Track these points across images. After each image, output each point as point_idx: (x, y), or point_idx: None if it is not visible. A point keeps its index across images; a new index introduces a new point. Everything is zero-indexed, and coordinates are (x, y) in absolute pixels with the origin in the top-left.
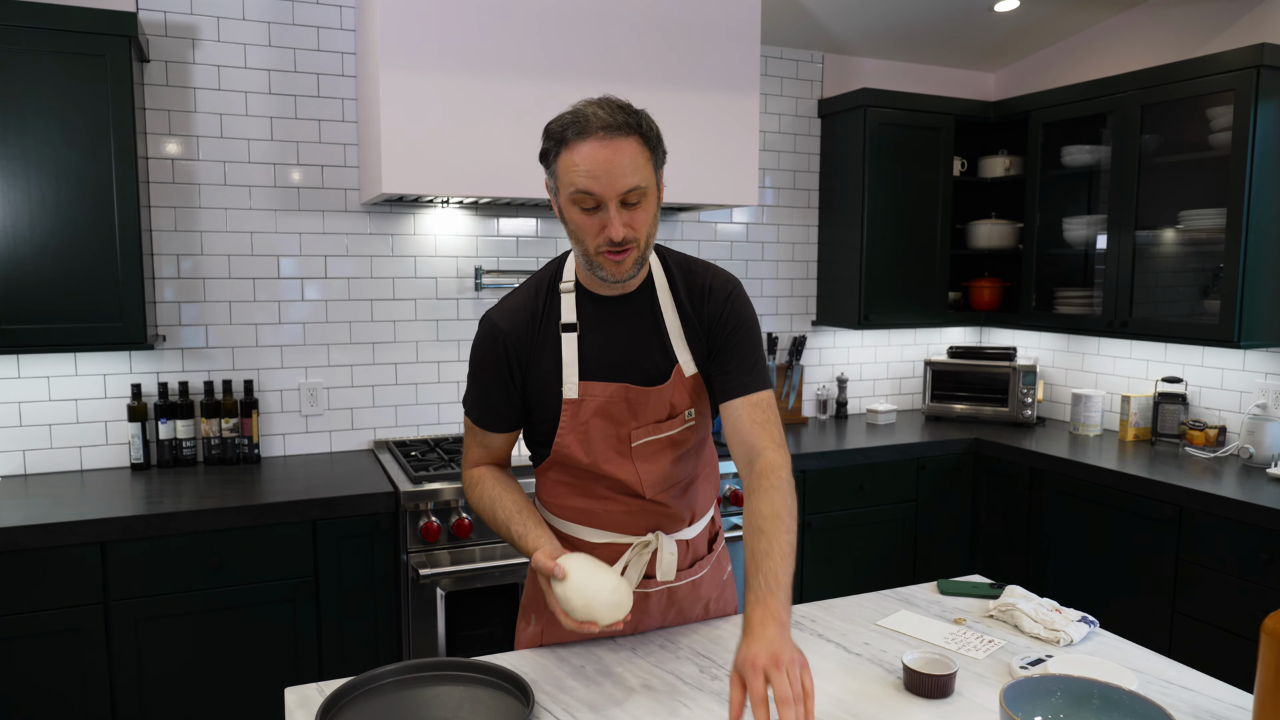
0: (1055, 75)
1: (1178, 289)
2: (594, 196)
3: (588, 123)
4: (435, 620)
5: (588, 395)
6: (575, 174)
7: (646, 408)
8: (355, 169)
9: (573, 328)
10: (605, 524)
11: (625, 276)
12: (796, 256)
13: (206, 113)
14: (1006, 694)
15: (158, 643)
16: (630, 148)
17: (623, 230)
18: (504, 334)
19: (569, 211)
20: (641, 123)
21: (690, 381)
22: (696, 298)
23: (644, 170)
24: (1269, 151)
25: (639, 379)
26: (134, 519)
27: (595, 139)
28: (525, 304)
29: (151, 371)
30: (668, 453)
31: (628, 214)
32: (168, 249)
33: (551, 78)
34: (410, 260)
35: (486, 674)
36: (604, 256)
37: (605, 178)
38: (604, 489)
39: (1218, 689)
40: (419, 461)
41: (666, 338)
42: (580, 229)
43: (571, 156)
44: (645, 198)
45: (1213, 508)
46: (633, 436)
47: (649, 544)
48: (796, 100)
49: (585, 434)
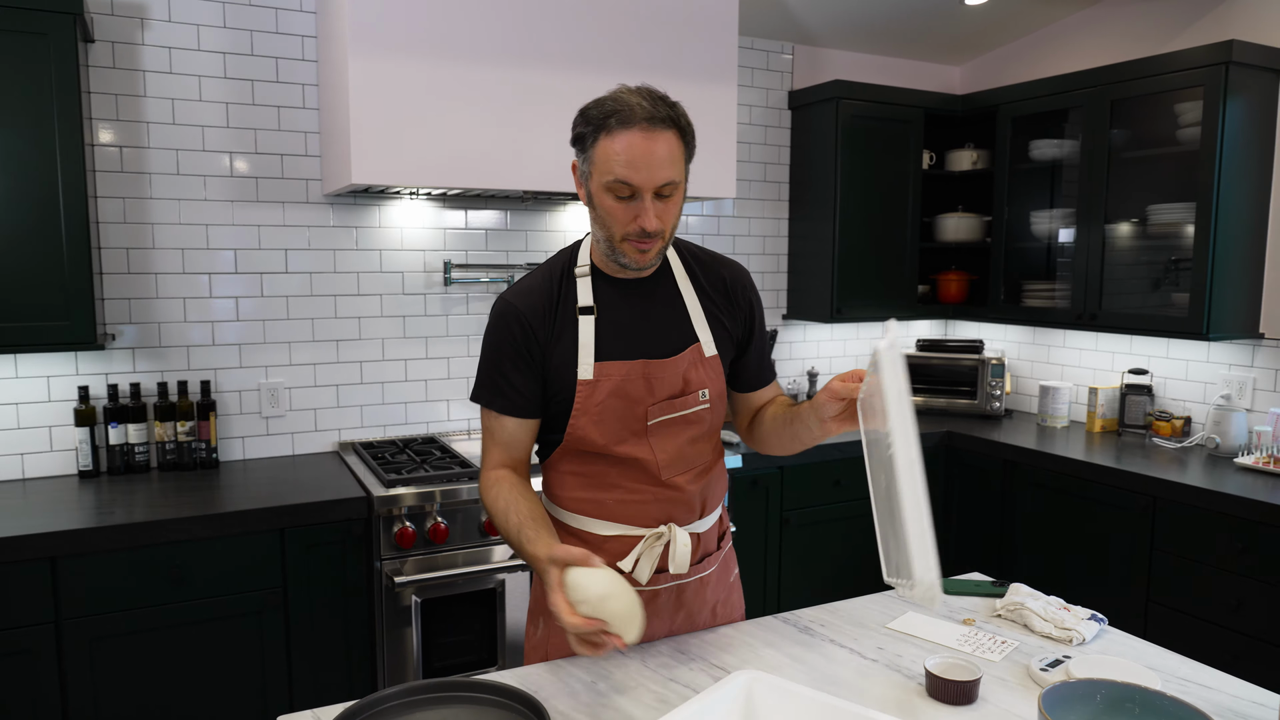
0: (1020, 69)
1: (1146, 282)
2: (631, 186)
3: (632, 112)
4: (411, 629)
5: (603, 376)
6: (614, 162)
7: (663, 381)
8: (317, 158)
9: (590, 310)
10: (616, 515)
11: (648, 265)
12: (767, 250)
13: (157, 97)
14: (1045, 701)
15: (115, 663)
16: (670, 141)
17: (655, 222)
18: (521, 313)
19: (601, 198)
20: (680, 117)
21: (709, 361)
22: (719, 288)
23: (679, 164)
24: (1237, 147)
25: (655, 353)
26: (87, 531)
27: (638, 129)
28: (540, 287)
29: (99, 372)
30: (683, 433)
31: (660, 206)
32: (116, 242)
33: (527, 66)
34: (375, 254)
35: (496, 694)
36: (630, 244)
37: (645, 169)
38: (617, 476)
39: (1235, 686)
40: (389, 464)
41: (686, 317)
42: (611, 216)
43: (612, 144)
44: (676, 191)
45: (1186, 498)
46: (649, 414)
47: (661, 536)
48: (767, 91)
49: (601, 415)
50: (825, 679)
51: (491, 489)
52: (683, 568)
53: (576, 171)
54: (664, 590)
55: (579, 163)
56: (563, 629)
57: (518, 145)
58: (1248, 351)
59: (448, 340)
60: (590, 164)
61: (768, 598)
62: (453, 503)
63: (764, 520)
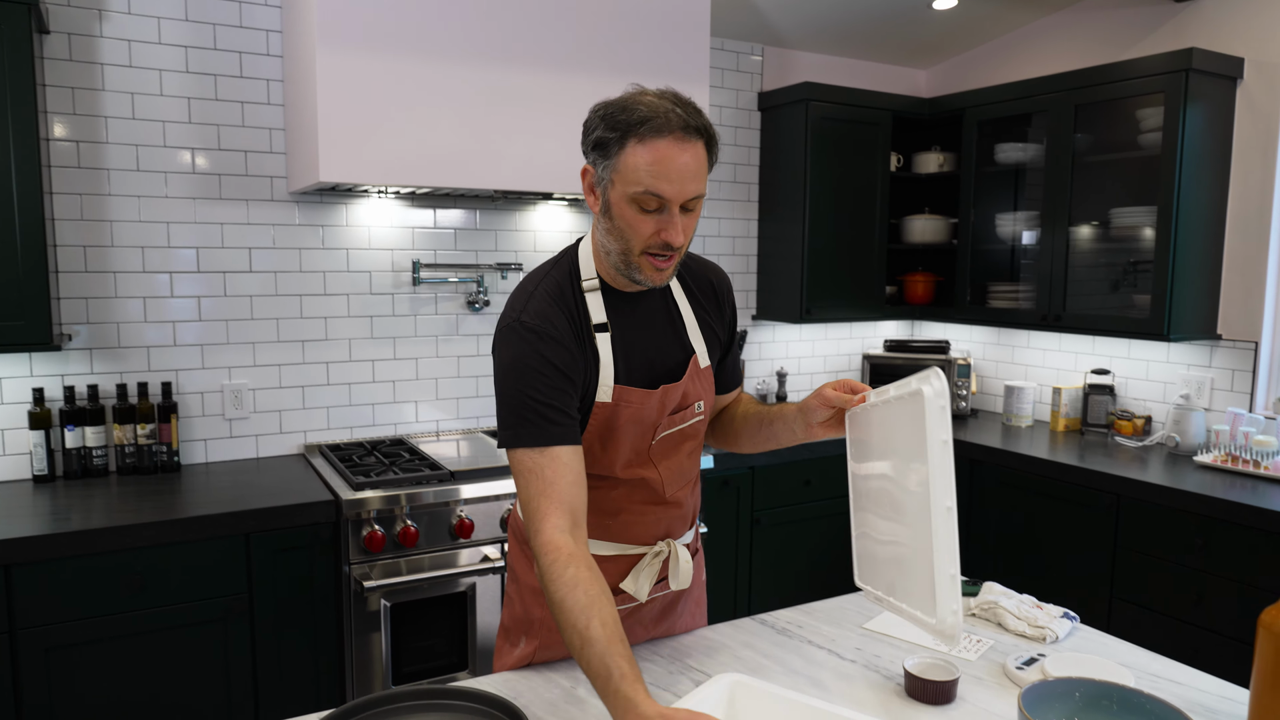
0: (985, 74)
1: (1108, 284)
2: (660, 199)
3: (666, 120)
4: (380, 634)
5: (623, 401)
6: (644, 173)
7: (672, 400)
8: (282, 155)
9: (604, 328)
10: (618, 536)
11: (664, 283)
12: (737, 250)
13: (116, 91)
14: (1025, 700)
15: (72, 673)
16: (699, 152)
17: (681, 237)
18: (554, 333)
19: (622, 209)
20: (709, 126)
21: (704, 373)
22: (708, 293)
23: (705, 176)
24: (1196, 152)
25: (668, 377)
26: (42, 539)
27: (672, 138)
28: (556, 308)
29: (55, 374)
30: (682, 447)
31: (683, 219)
32: (73, 240)
33: (498, 64)
34: (342, 253)
35: (475, 701)
36: (648, 259)
37: (677, 181)
38: (621, 498)
39: (1205, 681)
40: (357, 467)
41: (683, 329)
42: (632, 228)
43: (643, 153)
44: (699, 204)
45: (1148, 496)
46: (656, 433)
47: (660, 553)
48: (737, 93)
49: (612, 438)
50: (805, 680)
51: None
52: (686, 584)
53: (588, 177)
54: (653, 600)
55: (594, 169)
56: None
57: (489, 144)
58: (1206, 352)
59: (416, 341)
60: (613, 172)
61: (738, 598)
62: (422, 505)
63: (735, 520)
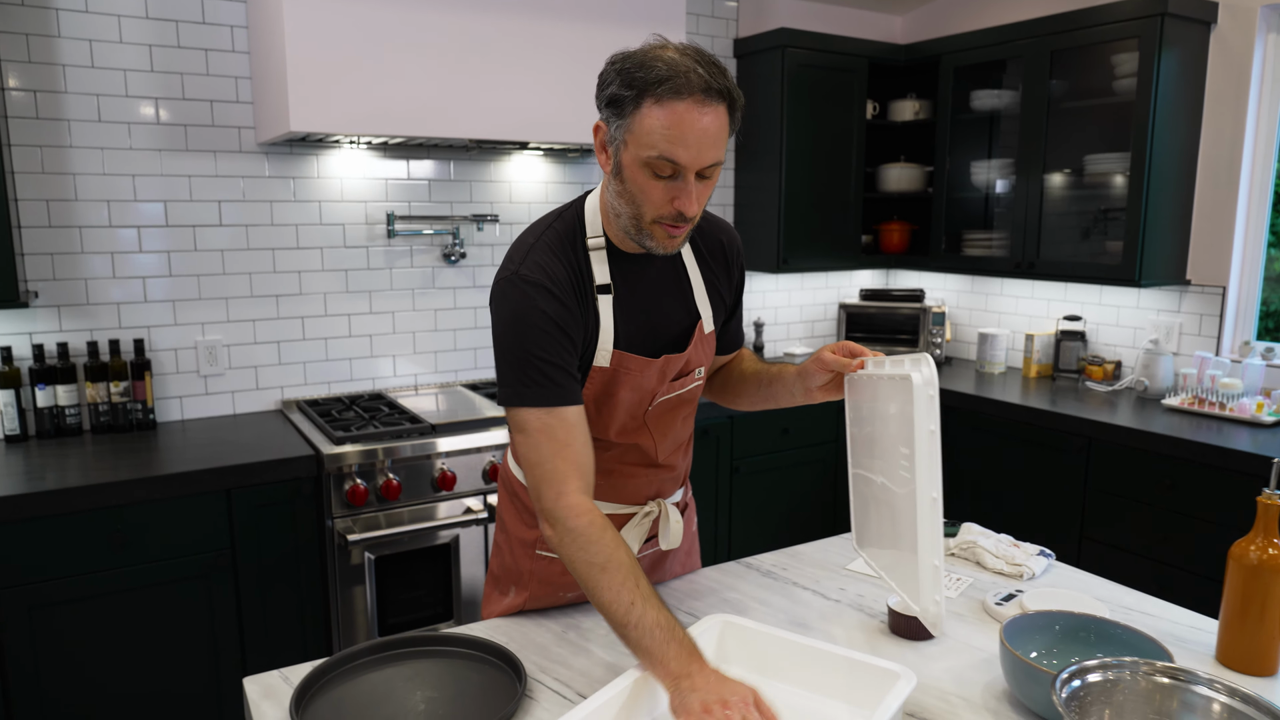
0: (960, 19)
1: (1081, 231)
2: (675, 165)
3: (688, 80)
4: (364, 587)
5: (621, 367)
6: (660, 136)
7: (674, 369)
8: (249, 105)
9: (607, 289)
10: (609, 495)
11: (675, 250)
12: (713, 201)
13: (73, 38)
14: (1006, 631)
15: (56, 631)
16: (721, 116)
17: (695, 206)
18: (554, 287)
19: (635, 173)
20: (734, 88)
21: (707, 339)
22: (718, 255)
23: (725, 142)
24: (1170, 98)
25: (671, 345)
26: (21, 498)
27: (692, 101)
28: (558, 262)
29: (23, 332)
30: (678, 412)
31: (699, 186)
32: (34, 194)
33: (473, 10)
34: (314, 205)
35: (468, 647)
36: (660, 227)
37: (695, 148)
38: (612, 460)
39: (1175, 613)
40: (337, 421)
41: (690, 293)
42: (644, 194)
43: (660, 115)
44: (716, 171)
45: (1117, 438)
46: (653, 399)
47: (650, 513)
48: (712, 39)
49: (609, 403)
50: (792, 620)
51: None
52: (676, 543)
53: (600, 134)
54: (646, 555)
55: (607, 127)
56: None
57: (461, 93)
58: (1175, 297)
59: (392, 294)
60: (626, 132)
61: (718, 544)
62: (404, 459)
63: (714, 469)
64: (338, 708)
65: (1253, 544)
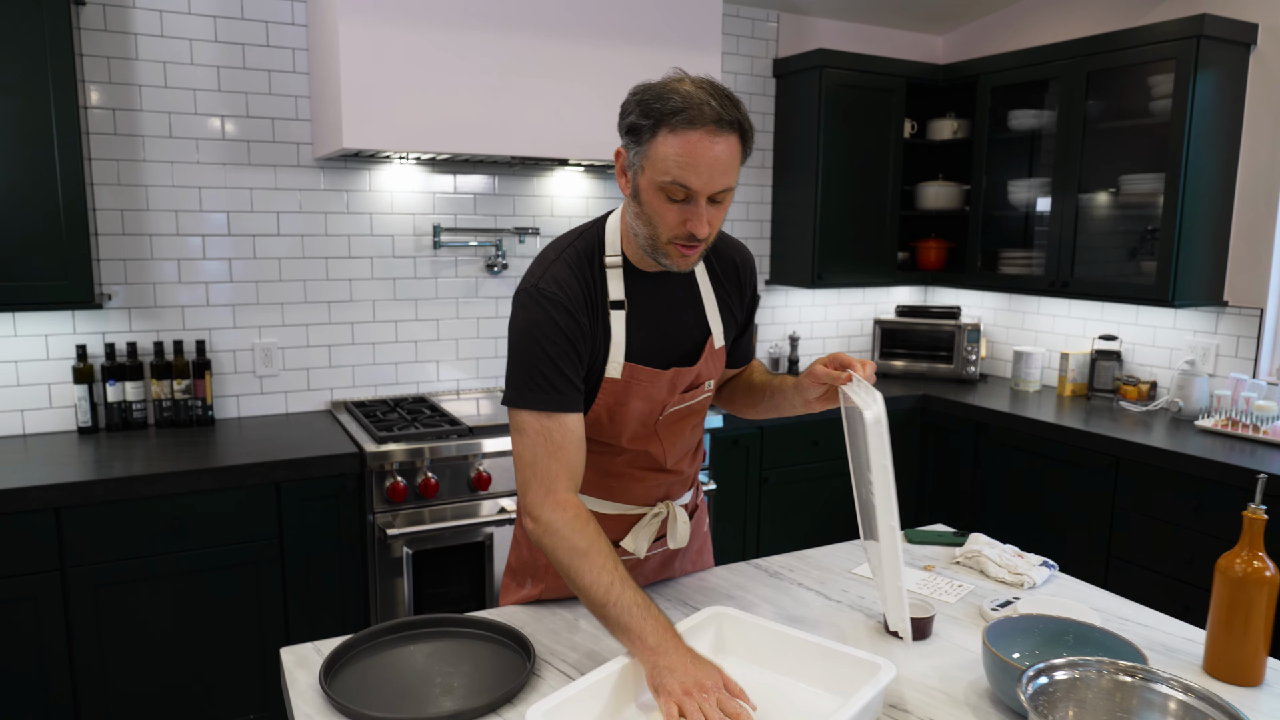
0: (1001, 40)
1: (1117, 250)
2: (687, 190)
3: (700, 112)
4: (402, 579)
5: (633, 379)
6: (673, 163)
7: (684, 382)
8: (308, 122)
9: (621, 305)
10: (619, 496)
11: (689, 269)
12: (751, 216)
13: (148, 61)
14: (989, 633)
15: (118, 609)
16: (732, 145)
17: (706, 229)
18: (565, 301)
19: (650, 196)
20: (745, 119)
21: (718, 353)
22: (731, 274)
23: (737, 169)
24: (1206, 119)
25: (681, 359)
26: (91, 484)
27: (704, 131)
28: (574, 277)
29: (96, 332)
30: (688, 421)
31: (711, 210)
32: (111, 204)
33: (515, 33)
34: (366, 217)
35: (483, 628)
36: (675, 248)
37: (706, 174)
38: (623, 465)
39: (1170, 624)
40: (381, 422)
41: (702, 310)
42: (659, 217)
43: (675, 143)
44: (728, 196)
45: (1147, 458)
46: (664, 409)
47: (659, 514)
48: (752, 60)
49: (620, 412)
50: (792, 618)
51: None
52: (683, 543)
53: (621, 159)
54: (655, 554)
55: (627, 153)
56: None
57: (505, 111)
58: (1212, 319)
59: (437, 302)
60: (644, 159)
61: (746, 552)
62: (442, 459)
63: (744, 478)
64: (363, 677)
65: (1238, 557)
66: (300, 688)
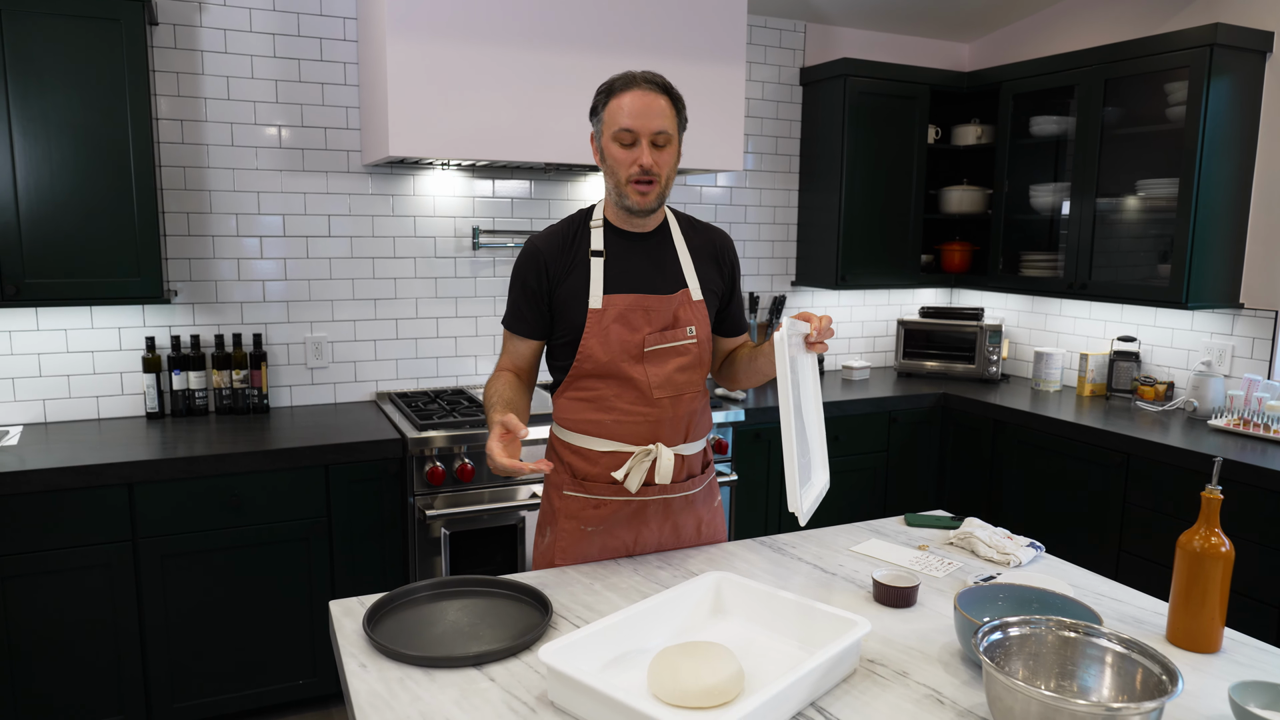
0: (1026, 48)
1: (1134, 254)
2: (632, 133)
3: (633, 77)
4: (440, 558)
5: (609, 305)
6: (620, 114)
7: (659, 314)
8: (357, 131)
9: (600, 254)
10: (613, 434)
11: (649, 206)
12: (777, 219)
13: (213, 75)
14: (960, 598)
15: (183, 577)
16: (662, 101)
17: (650, 161)
18: (541, 252)
19: (609, 148)
20: (671, 87)
21: (696, 305)
22: (707, 249)
23: (671, 121)
24: (1220, 125)
25: (652, 290)
26: (160, 462)
27: (638, 89)
28: (561, 232)
29: (164, 325)
30: (672, 360)
31: (656, 153)
32: (178, 207)
33: (548, 47)
34: (410, 220)
35: (508, 589)
36: (633, 186)
37: (643, 117)
38: (614, 398)
39: (1142, 600)
40: (422, 411)
41: (679, 267)
42: (617, 162)
43: (619, 101)
44: (670, 144)
45: (1157, 455)
46: (645, 342)
47: (649, 453)
48: (779, 69)
49: (606, 337)
50: (787, 587)
51: (492, 379)
52: (666, 479)
53: (593, 141)
54: (652, 502)
55: (594, 128)
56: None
57: (539, 120)
58: (1228, 320)
59: (476, 300)
60: (601, 123)
61: None
62: (479, 445)
63: (765, 471)
64: (401, 624)
65: (1196, 534)
66: (346, 633)
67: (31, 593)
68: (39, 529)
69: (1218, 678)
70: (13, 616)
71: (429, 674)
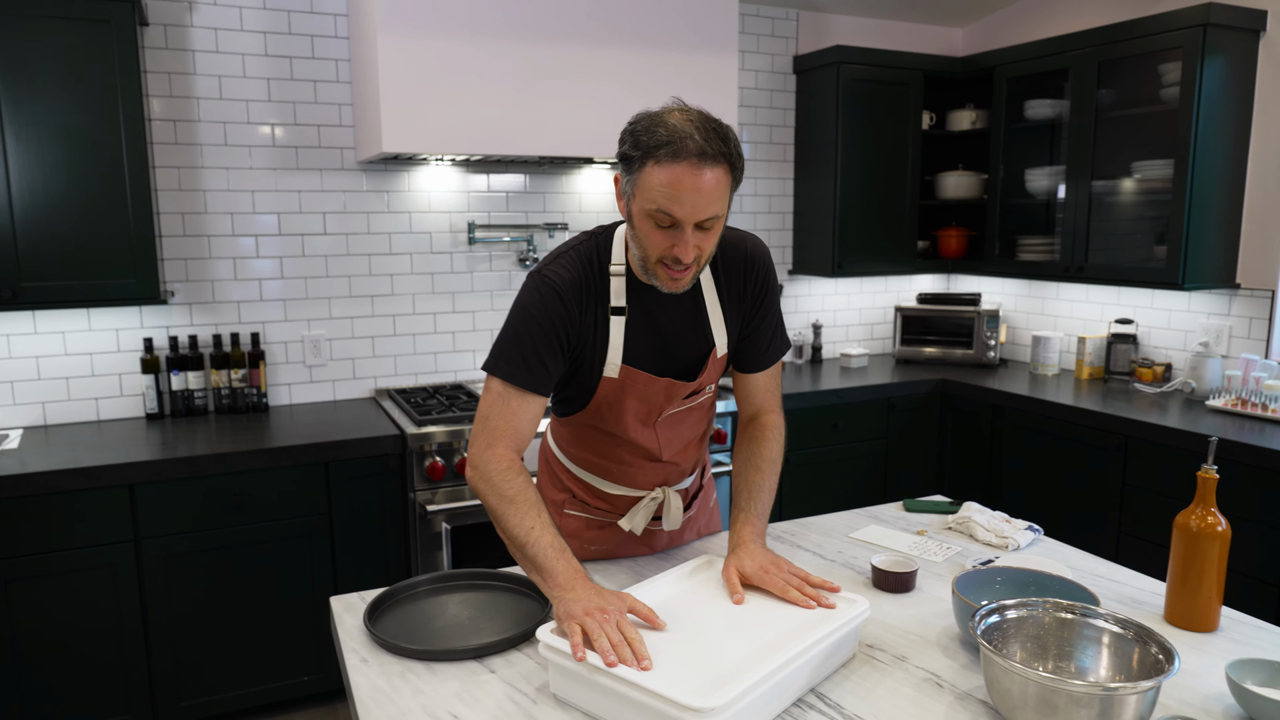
0: (1019, 31)
1: (1131, 236)
2: (672, 218)
3: (684, 146)
4: (441, 552)
5: (629, 380)
6: (658, 193)
7: (680, 389)
8: (350, 128)
9: (621, 311)
10: (619, 479)
11: (680, 291)
12: (773, 208)
13: (205, 75)
14: (958, 582)
15: (185, 577)
16: (718, 175)
17: (693, 252)
18: (564, 297)
19: (640, 221)
20: (732, 151)
21: (721, 361)
22: (737, 277)
23: (725, 198)
24: (1214, 105)
25: (681, 372)
26: (160, 462)
27: (687, 164)
28: (579, 277)
29: (161, 326)
30: (687, 419)
31: (699, 235)
32: (172, 208)
33: (540, 41)
34: (405, 216)
35: (508, 581)
36: (663, 269)
37: (689, 205)
38: (623, 453)
39: (1140, 580)
40: (421, 407)
41: (706, 321)
42: (648, 240)
43: (659, 174)
44: (717, 223)
45: (1155, 437)
46: (662, 411)
47: (656, 498)
48: (773, 57)
49: (617, 408)
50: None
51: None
52: (675, 526)
53: (619, 184)
54: (658, 531)
55: (622, 179)
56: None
57: (532, 114)
58: (1225, 301)
59: (473, 295)
60: (634, 186)
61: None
62: None
63: None
64: (401, 619)
65: (1193, 514)
66: (348, 628)
67: (36, 595)
68: (42, 531)
69: (1216, 656)
70: (18, 619)
71: (430, 667)
